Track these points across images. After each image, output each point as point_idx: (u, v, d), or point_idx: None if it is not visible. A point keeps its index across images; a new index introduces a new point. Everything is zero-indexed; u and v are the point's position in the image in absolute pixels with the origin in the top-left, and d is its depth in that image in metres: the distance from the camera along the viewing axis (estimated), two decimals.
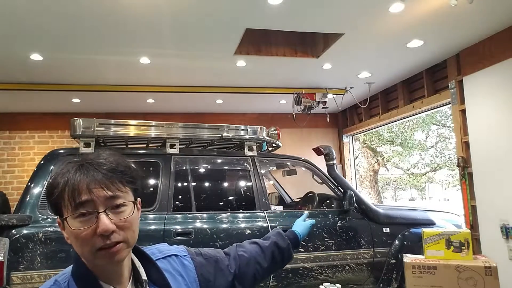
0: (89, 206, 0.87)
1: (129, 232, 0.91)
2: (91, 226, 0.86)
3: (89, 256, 0.88)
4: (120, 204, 0.90)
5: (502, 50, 3.82)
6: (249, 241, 1.39)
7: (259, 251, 1.34)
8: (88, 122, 3.11)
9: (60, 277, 0.93)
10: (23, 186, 3.03)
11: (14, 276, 2.58)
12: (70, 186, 0.87)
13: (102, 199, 0.87)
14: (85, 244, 0.87)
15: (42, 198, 2.82)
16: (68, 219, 0.87)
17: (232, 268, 1.23)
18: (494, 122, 3.92)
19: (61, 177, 0.90)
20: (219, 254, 1.25)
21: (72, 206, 0.87)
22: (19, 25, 3.38)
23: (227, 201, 3.83)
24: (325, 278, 3.31)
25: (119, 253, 0.89)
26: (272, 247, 1.36)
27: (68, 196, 0.87)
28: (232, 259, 1.26)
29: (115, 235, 0.88)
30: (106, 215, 0.87)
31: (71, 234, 0.89)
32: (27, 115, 6.37)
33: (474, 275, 2.05)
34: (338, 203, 3.64)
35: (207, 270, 1.16)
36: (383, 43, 4.11)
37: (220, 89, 5.62)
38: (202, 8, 3.22)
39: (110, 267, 0.91)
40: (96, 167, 0.90)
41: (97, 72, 4.73)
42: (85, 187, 0.87)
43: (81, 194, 0.86)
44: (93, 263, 0.90)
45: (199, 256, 1.18)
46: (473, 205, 4.21)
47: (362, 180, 10.44)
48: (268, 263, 1.33)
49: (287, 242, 1.40)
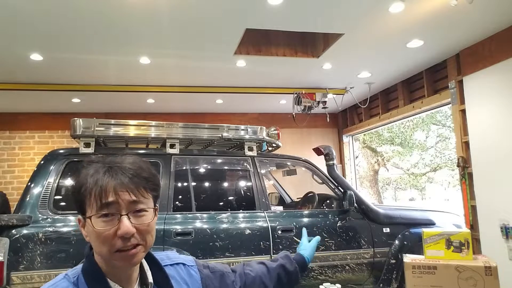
0: (113, 208, 0.91)
1: (148, 236, 0.95)
2: (112, 227, 0.90)
3: (107, 256, 0.92)
4: (141, 209, 0.94)
5: (502, 50, 3.82)
6: (257, 261, 1.41)
7: (265, 272, 1.35)
8: (88, 122, 3.11)
9: (71, 272, 0.96)
10: (23, 186, 3.03)
11: (14, 276, 2.58)
12: (98, 187, 0.91)
13: (126, 203, 0.92)
14: (105, 244, 0.91)
15: (42, 198, 2.82)
16: (92, 218, 0.91)
17: (237, 284, 1.25)
18: (494, 122, 3.92)
19: (90, 176, 0.93)
20: (226, 269, 1.27)
21: (97, 206, 0.91)
22: (19, 25, 3.38)
23: (227, 201, 3.83)
24: (325, 278, 3.31)
25: (136, 256, 0.93)
26: (278, 269, 1.37)
27: (95, 196, 0.91)
28: (238, 276, 1.28)
29: (134, 238, 0.92)
30: (128, 219, 0.91)
31: (92, 233, 0.92)
32: (27, 115, 6.37)
33: (474, 275, 2.05)
34: (338, 203, 3.64)
35: (213, 283, 1.18)
36: (383, 43, 4.11)
37: (220, 89, 5.62)
38: (202, 8, 3.22)
39: (124, 268, 0.95)
40: (123, 171, 0.94)
41: (97, 72, 4.73)
42: (112, 189, 0.91)
43: (108, 196, 0.90)
44: (109, 263, 0.93)
45: (206, 268, 1.21)
46: (473, 205, 4.21)
47: (362, 180, 10.44)
48: (274, 285, 1.34)
49: (295, 266, 1.41)
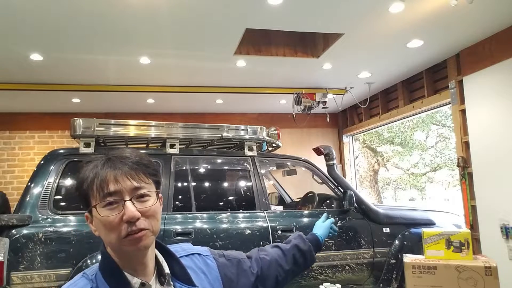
0: (116, 195, 0.93)
1: (153, 220, 0.97)
2: (118, 214, 0.92)
3: (116, 243, 0.94)
4: (144, 194, 0.96)
5: (502, 50, 3.82)
6: (271, 244, 1.42)
7: (281, 254, 1.36)
8: (88, 122, 3.11)
9: (89, 271, 0.98)
10: (23, 186, 3.03)
11: (14, 276, 2.58)
12: (99, 178, 0.94)
13: (128, 189, 0.94)
14: (112, 231, 0.93)
15: (42, 198, 2.82)
16: (97, 207, 0.94)
17: (254, 269, 1.26)
18: (494, 122, 3.92)
19: (90, 171, 0.96)
20: (241, 256, 1.28)
21: (100, 196, 0.93)
22: (19, 25, 3.38)
23: (227, 201, 3.83)
24: (325, 278, 3.31)
25: (144, 239, 0.94)
26: (293, 250, 1.39)
27: (97, 187, 0.94)
28: (254, 261, 1.28)
29: (140, 222, 0.93)
30: (132, 203, 0.94)
31: (100, 223, 0.95)
32: (27, 115, 6.37)
33: (474, 275, 2.05)
34: (338, 203, 3.64)
35: (230, 270, 1.19)
36: (383, 43, 4.11)
37: (220, 89, 5.62)
38: (202, 8, 3.22)
39: (135, 255, 0.96)
40: (122, 160, 0.97)
41: (97, 72, 4.73)
42: (112, 178, 0.94)
43: (109, 185, 0.93)
44: (120, 251, 0.95)
45: (222, 257, 1.22)
46: (473, 205, 4.21)
47: (362, 180, 10.44)
48: (290, 266, 1.36)
49: (308, 244, 1.43)
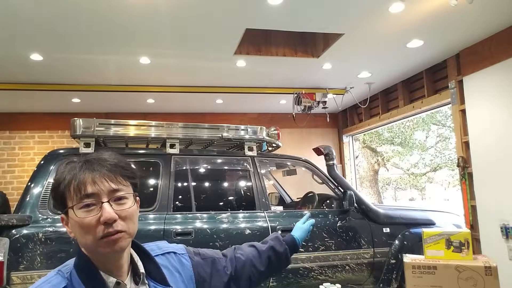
0: (93, 197, 0.93)
1: (130, 222, 0.97)
2: (95, 215, 0.92)
3: (92, 245, 0.93)
4: (122, 197, 0.96)
5: (502, 50, 3.82)
6: (247, 244, 1.42)
7: (256, 255, 1.37)
8: (88, 122, 3.11)
9: (63, 268, 0.98)
10: (23, 186, 3.03)
11: (14, 276, 2.58)
12: (76, 180, 0.94)
13: (106, 191, 0.94)
14: (88, 233, 0.92)
15: (42, 198, 2.82)
16: (74, 209, 0.93)
17: (228, 269, 1.27)
18: (494, 122, 3.92)
19: (67, 172, 0.96)
20: (216, 255, 1.29)
21: (77, 198, 0.93)
22: (19, 25, 3.38)
23: (227, 201, 3.83)
24: (325, 278, 3.31)
25: (120, 241, 0.94)
26: (268, 252, 1.39)
27: (74, 189, 0.93)
28: (229, 261, 1.29)
29: (117, 224, 0.93)
30: (110, 205, 0.94)
31: (76, 224, 0.94)
32: (27, 115, 6.37)
33: (474, 275, 2.05)
34: (338, 203, 3.64)
35: (204, 269, 1.20)
36: (383, 43, 4.11)
37: (220, 89, 5.62)
38: (202, 8, 3.22)
39: (111, 256, 0.96)
40: (100, 162, 0.97)
41: (97, 72, 4.73)
42: (90, 179, 0.94)
43: (87, 186, 0.93)
44: (96, 252, 0.94)
45: (197, 255, 1.23)
46: (473, 205, 4.21)
47: (362, 180, 10.43)
48: (264, 267, 1.36)
49: (285, 247, 1.42)
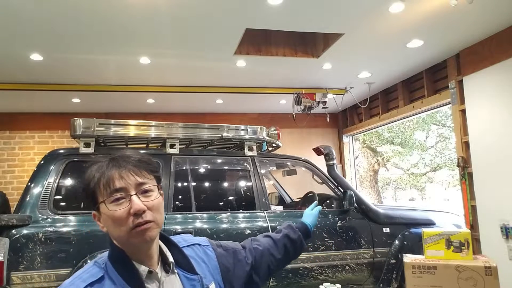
0: (122, 191, 1.00)
1: (157, 213, 1.03)
2: (125, 208, 0.99)
3: (124, 236, 1.00)
4: (148, 189, 1.03)
5: (502, 50, 3.82)
6: (262, 234, 1.49)
7: (272, 244, 1.44)
8: (88, 122, 3.11)
9: (99, 260, 1.04)
10: (23, 186, 3.03)
11: (14, 276, 2.58)
12: (105, 177, 1.01)
13: (133, 185, 1.01)
14: (120, 225, 0.99)
15: (42, 198, 2.82)
16: (105, 203, 1.00)
17: (249, 259, 1.33)
18: (494, 122, 3.92)
19: (95, 171, 1.03)
20: (237, 246, 1.36)
21: (107, 193, 1.00)
22: (19, 25, 3.38)
23: (227, 201, 3.83)
24: (325, 278, 3.31)
25: (150, 231, 1.00)
26: (283, 240, 1.46)
27: (103, 185, 1.00)
28: (248, 251, 1.36)
29: (146, 214, 1.00)
30: (138, 197, 1.01)
31: (108, 218, 1.00)
32: (27, 115, 6.37)
33: (474, 275, 2.05)
34: (338, 203, 3.64)
35: (227, 260, 1.26)
36: (383, 43, 4.11)
37: (220, 89, 5.62)
38: (202, 8, 3.22)
39: (142, 246, 1.02)
40: (125, 159, 1.05)
41: (97, 72, 4.73)
42: (117, 175, 1.01)
43: (115, 182, 1.00)
44: (128, 243, 1.01)
45: (220, 247, 1.29)
46: (473, 205, 4.21)
47: (362, 180, 10.43)
48: (281, 255, 1.43)
49: (298, 233, 1.50)
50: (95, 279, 0.97)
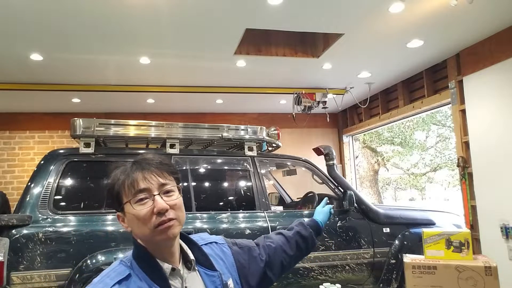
0: (146, 192, 1.05)
1: (179, 211, 1.09)
2: (149, 207, 1.04)
3: (149, 234, 1.04)
4: (169, 190, 1.09)
5: (502, 50, 3.82)
6: (275, 232, 1.53)
7: (285, 241, 1.48)
8: (88, 122, 3.10)
9: (124, 259, 1.09)
10: (23, 186, 3.03)
11: (14, 276, 2.58)
12: (129, 178, 1.06)
13: (156, 185, 1.07)
14: (145, 224, 1.04)
15: (42, 198, 2.82)
16: (131, 203, 1.05)
17: (263, 256, 1.37)
18: (494, 122, 3.92)
19: (120, 173, 1.09)
20: (251, 244, 1.39)
21: (132, 193, 1.05)
22: (19, 25, 3.38)
23: (227, 201, 3.83)
24: (325, 278, 3.31)
25: (173, 228, 1.06)
26: (295, 237, 1.50)
27: (128, 186, 1.06)
28: (262, 248, 1.40)
29: (169, 213, 1.05)
30: (160, 197, 1.06)
31: (133, 217, 1.05)
32: (27, 115, 6.37)
33: (474, 275, 2.05)
34: (338, 203, 3.64)
35: (243, 257, 1.31)
36: (383, 43, 4.11)
37: (220, 89, 5.62)
38: (202, 8, 3.22)
39: (165, 244, 1.07)
40: (147, 161, 1.10)
41: (97, 72, 4.73)
42: (141, 176, 1.06)
43: (139, 183, 1.05)
44: (152, 242, 1.06)
45: (235, 245, 1.34)
46: (473, 205, 4.21)
47: (362, 180, 10.43)
48: (294, 251, 1.48)
49: (309, 231, 1.54)
50: (122, 277, 1.02)
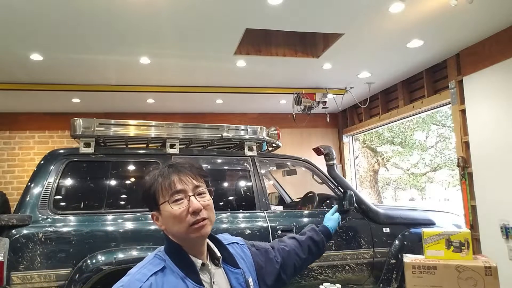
0: (182, 193, 1.14)
1: (210, 211, 1.18)
2: (185, 207, 1.13)
3: (183, 232, 1.13)
4: (202, 192, 1.18)
5: (502, 50, 3.82)
6: (288, 236, 1.63)
7: (297, 245, 1.57)
8: (88, 122, 3.10)
9: (158, 253, 1.18)
10: (23, 186, 3.03)
11: (14, 276, 2.58)
12: (167, 180, 1.15)
13: (191, 187, 1.16)
14: (180, 222, 1.13)
15: (42, 198, 2.82)
16: (169, 203, 1.14)
17: (278, 258, 1.45)
18: (494, 122, 3.92)
19: (158, 176, 1.17)
20: (267, 246, 1.47)
21: (169, 194, 1.14)
22: (19, 25, 3.38)
23: (227, 201, 3.82)
24: (325, 278, 3.31)
25: (206, 227, 1.15)
26: (308, 241, 1.60)
27: (166, 188, 1.15)
28: (277, 251, 1.48)
29: (202, 212, 1.14)
30: (195, 198, 1.15)
31: (169, 216, 1.14)
32: (27, 115, 6.37)
33: (474, 275, 2.05)
34: (338, 203, 3.64)
35: (260, 258, 1.39)
36: (383, 43, 4.11)
37: (220, 89, 5.62)
38: (202, 8, 3.22)
39: (198, 241, 1.16)
40: (181, 165, 1.20)
41: (97, 72, 4.73)
42: (177, 179, 1.15)
43: (176, 184, 1.15)
44: (185, 239, 1.14)
45: (253, 247, 1.42)
46: (473, 205, 4.21)
47: (362, 180, 10.43)
48: (306, 255, 1.57)
49: (321, 236, 1.65)
50: (158, 269, 1.10)
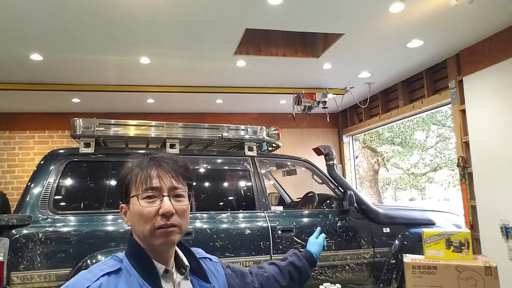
0: (157, 190, 1.03)
1: (183, 219, 1.06)
2: (155, 206, 1.02)
3: (148, 234, 1.02)
4: (180, 194, 1.06)
5: (502, 50, 3.82)
6: (268, 262, 1.51)
7: (277, 271, 1.45)
8: (88, 122, 3.10)
9: (117, 255, 1.07)
10: (23, 186, 3.03)
11: (14, 276, 2.58)
12: (144, 173, 1.04)
13: (168, 187, 1.04)
14: (146, 222, 1.01)
15: (42, 198, 2.82)
16: (138, 197, 1.03)
17: (256, 284, 1.34)
18: (494, 122, 3.92)
19: (136, 165, 1.07)
20: (244, 269, 1.36)
21: (142, 188, 1.03)
22: (19, 25, 3.38)
23: (227, 201, 3.83)
24: (325, 278, 3.31)
25: (173, 235, 1.03)
26: (288, 267, 1.47)
27: (140, 180, 1.04)
28: (254, 276, 1.37)
29: (174, 218, 1.03)
30: (169, 199, 1.03)
31: (136, 213, 1.03)
32: (27, 115, 6.37)
33: (474, 275, 2.05)
34: (338, 203, 3.64)
35: (235, 281, 1.28)
36: (383, 43, 4.11)
37: (220, 89, 5.62)
38: (202, 8, 3.22)
39: (162, 247, 1.04)
40: (165, 160, 1.08)
41: (97, 72, 4.73)
42: (156, 174, 1.04)
43: (153, 180, 1.03)
44: (149, 242, 1.03)
45: (228, 268, 1.31)
46: (473, 205, 4.21)
47: (362, 180, 10.43)
48: (287, 282, 1.44)
49: (303, 261, 1.51)
50: (112, 270, 1.00)
